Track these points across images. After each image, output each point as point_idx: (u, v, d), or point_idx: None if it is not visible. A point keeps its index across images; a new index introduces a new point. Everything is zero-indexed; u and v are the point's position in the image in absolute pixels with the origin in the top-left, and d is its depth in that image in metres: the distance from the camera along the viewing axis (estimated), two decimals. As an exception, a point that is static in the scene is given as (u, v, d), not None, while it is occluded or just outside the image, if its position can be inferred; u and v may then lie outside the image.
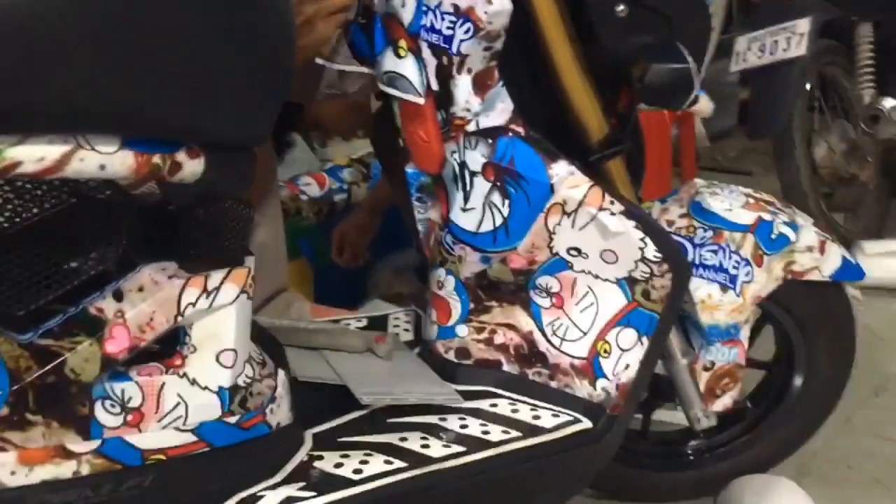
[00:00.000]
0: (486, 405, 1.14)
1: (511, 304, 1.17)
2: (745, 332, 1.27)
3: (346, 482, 0.96)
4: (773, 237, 1.25)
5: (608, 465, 1.19)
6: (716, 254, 1.24)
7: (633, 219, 1.07)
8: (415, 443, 1.04)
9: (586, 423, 1.10)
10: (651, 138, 1.27)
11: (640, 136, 1.21)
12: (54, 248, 0.82)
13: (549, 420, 1.11)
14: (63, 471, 0.82)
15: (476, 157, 1.08)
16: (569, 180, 1.07)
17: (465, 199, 1.11)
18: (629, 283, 1.11)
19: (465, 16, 1.01)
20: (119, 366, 0.85)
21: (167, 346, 0.90)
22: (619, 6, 1.04)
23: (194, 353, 0.89)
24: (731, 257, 1.23)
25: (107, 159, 0.75)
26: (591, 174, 1.10)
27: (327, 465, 0.99)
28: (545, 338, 1.16)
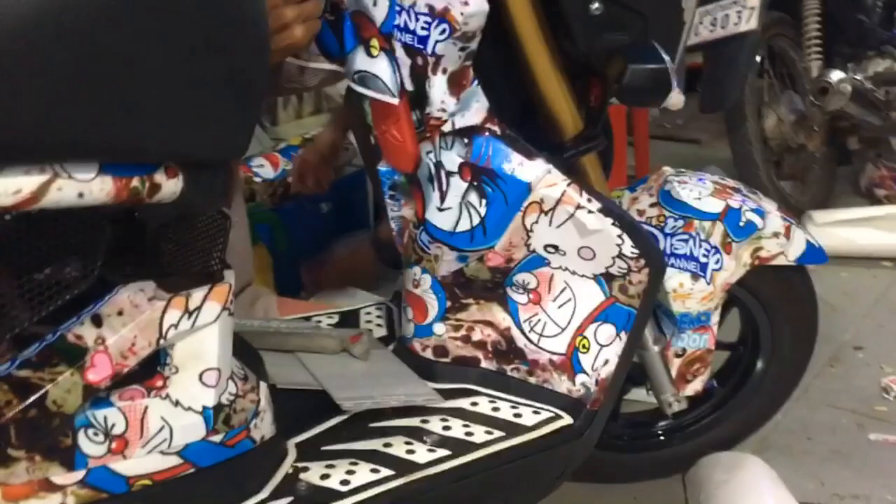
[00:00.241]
0: (466, 404, 1.14)
1: (488, 301, 1.17)
2: (715, 318, 1.29)
3: (334, 494, 0.95)
4: (741, 224, 1.26)
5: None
6: (686, 243, 1.25)
7: (611, 216, 1.07)
8: (399, 448, 1.03)
9: (567, 420, 1.11)
10: (615, 131, 1.27)
11: (609, 130, 1.20)
12: (26, 273, 0.79)
13: (531, 418, 1.11)
14: (48, 504, 0.79)
15: (452, 158, 1.07)
16: (546, 179, 1.06)
17: (442, 198, 1.09)
18: (606, 278, 1.12)
19: (440, 17, 0.99)
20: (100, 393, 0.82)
21: (146, 365, 0.88)
22: (594, 4, 1.03)
23: (176, 373, 0.87)
24: (700, 246, 1.25)
25: (85, 187, 0.71)
26: (566, 170, 1.09)
27: (313, 476, 0.97)
28: (523, 334, 1.16)
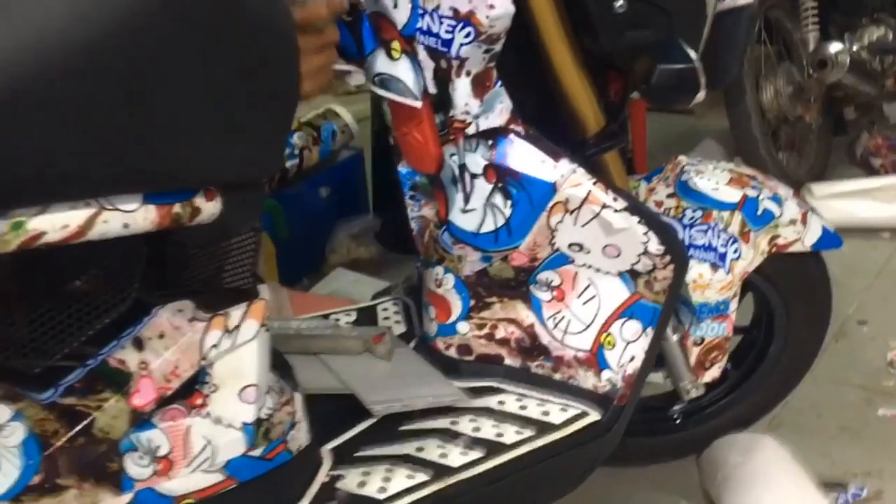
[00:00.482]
0: (493, 403, 1.14)
1: (511, 298, 1.17)
2: (734, 306, 1.30)
3: (373, 503, 0.96)
4: (759, 213, 1.27)
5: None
6: (705, 233, 1.25)
7: (637, 214, 1.07)
8: (432, 452, 1.04)
9: (595, 416, 1.12)
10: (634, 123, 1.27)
11: (627, 125, 1.20)
12: (66, 298, 0.78)
13: (559, 415, 1.12)
14: (98, 529, 0.79)
15: (477, 160, 1.06)
16: (571, 178, 1.06)
17: (466, 200, 1.09)
18: (631, 275, 1.12)
19: (465, 20, 0.97)
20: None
21: (184, 383, 0.88)
22: (619, 2, 1.02)
23: (216, 391, 0.87)
24: (719, 236, 1.25)
25: (130, 217, 0.71)
26: (588, 167, 1.09)
27: (350, 484, 0.98)
28: (547, 331, 1.17)
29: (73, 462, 0.77)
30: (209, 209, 0.78)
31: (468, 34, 0.98)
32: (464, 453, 1.04)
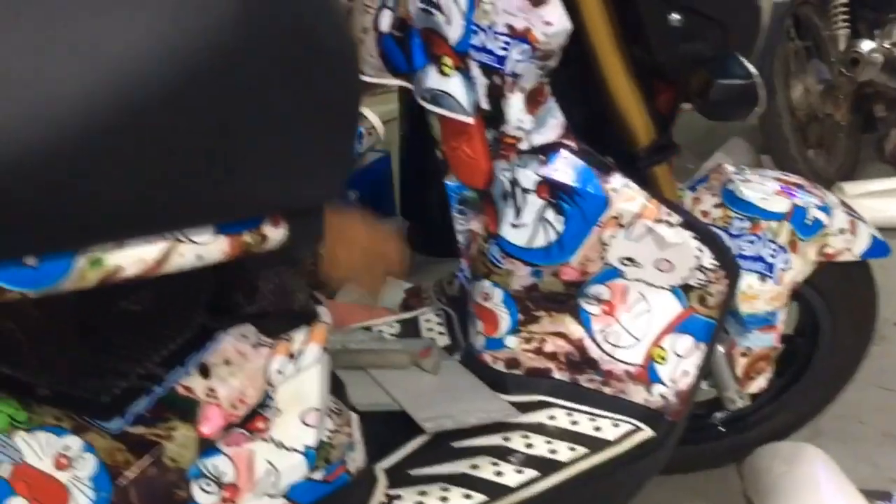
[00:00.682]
0: (544, 418, 1.14)
1: (560, 312, 1.16)
2: (782, 317, 1.29)
3: (433, 524, 0.96)
4: (807, 223, 1.26)
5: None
6: (753, 244, 1.24)
7: (691, 229, 1.06)
8: (487, 470, 1.04)
9: (648, 432, 1.11)
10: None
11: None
12: (132, 326, 0.78)
13: (611, 431, 1.11)
14: (169, 557, 0.79)
15: (529, 175, 1.05)
16: (623, 193, 1.05)
17: (517, 215, 1.08)
18: (684, 290, 1.11)
19: (521, 37, 0.96)
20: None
21: (247, 408, 0.87)
22: (674, 15, 1.01)
23: (279, 416, 0.86)
24: (768, 246, 1.24)
25: (203, 249, 0.70)
26: (639, 180, 1.08)
27: (408, 505, 0.98)
28: (596, 345, 1.16)
29: (143, 492, 0.77)
30: (276, 236, 0.78)
31: (523, 51, 0.97)
32: (519, 471, 1.04)
